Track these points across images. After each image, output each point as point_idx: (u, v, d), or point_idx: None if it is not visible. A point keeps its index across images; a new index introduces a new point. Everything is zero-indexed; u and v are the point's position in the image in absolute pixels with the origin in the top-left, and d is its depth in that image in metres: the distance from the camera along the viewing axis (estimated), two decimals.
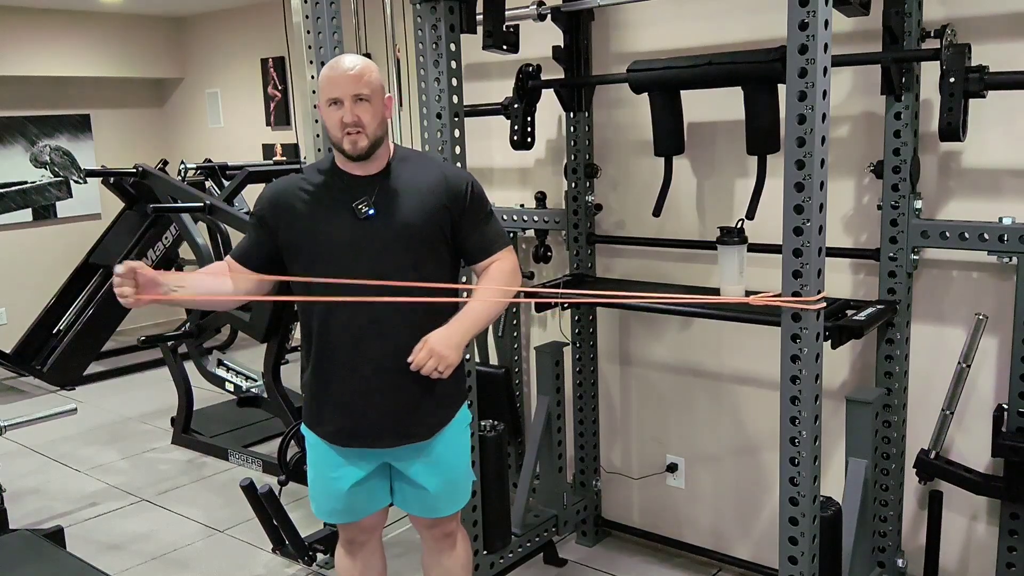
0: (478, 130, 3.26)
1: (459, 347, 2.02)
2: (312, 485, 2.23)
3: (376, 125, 2.00)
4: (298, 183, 2.10)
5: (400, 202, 2.04)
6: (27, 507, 3.81)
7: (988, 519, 2.52)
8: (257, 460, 4.14)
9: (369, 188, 2.04)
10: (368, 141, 1.99)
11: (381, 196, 2.03)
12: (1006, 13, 2.27)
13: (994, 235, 2.25)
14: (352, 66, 1.98)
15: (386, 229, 2.02)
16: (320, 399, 2.12)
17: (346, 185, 2.04)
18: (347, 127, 1.96)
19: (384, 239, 2.02)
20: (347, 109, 1.96)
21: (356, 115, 1.96)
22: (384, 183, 2.05)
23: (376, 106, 2.00)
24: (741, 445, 2.97)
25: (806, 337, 1.97)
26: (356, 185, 2.04)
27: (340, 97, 1.96)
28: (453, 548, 2.33)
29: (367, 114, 1.97)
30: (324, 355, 2.08)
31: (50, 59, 6.24)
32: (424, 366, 1.97)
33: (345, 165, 2.06)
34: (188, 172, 5.21)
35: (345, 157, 2.02)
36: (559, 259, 3.29)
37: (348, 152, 2.00)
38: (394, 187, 2.05)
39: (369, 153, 2.01)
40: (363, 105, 1.97)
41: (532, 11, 2.87)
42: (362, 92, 1.97)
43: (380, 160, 2.06)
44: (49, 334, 5.57)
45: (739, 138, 2.47)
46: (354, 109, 1.96)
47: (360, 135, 1.97)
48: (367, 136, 1.98)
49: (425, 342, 1.99)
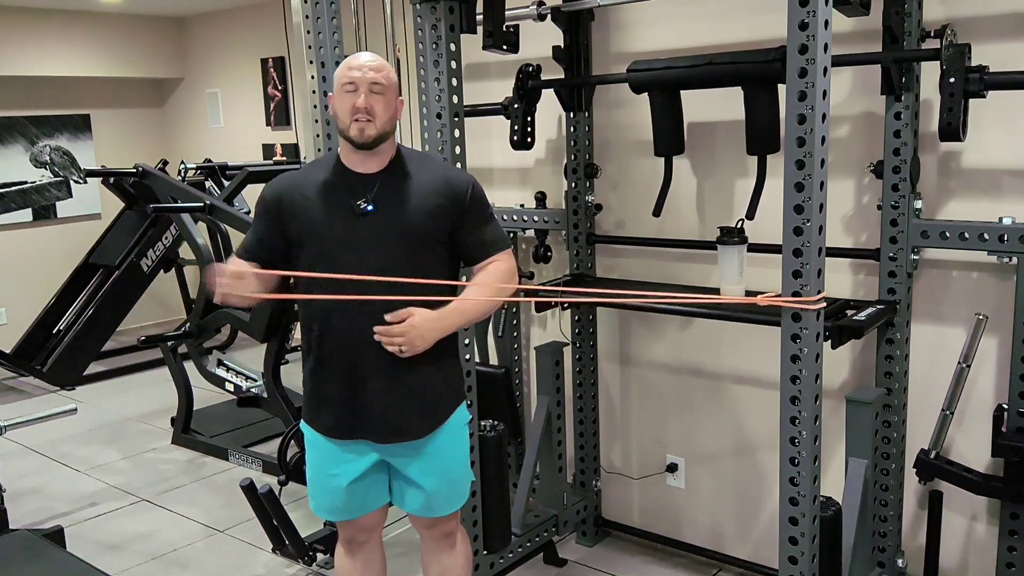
0: (478, 130, 3.26)
1: (434, 340, 2.03)
2: (311, 483, 2.24)
3: (387, 119, 2.02)
4: (302, 178, 2.12)
5: (400, 200, 2.05)
6: (27, 507, 3.81)
7: (988, 519, 2.52)
8: (257, 460, 4.14)
9: (370, 185, 2.05)
10: (376, 131, 2.00)
11: (381, 193, 2.04)
12: (1006, 13, 2.27)
13: (994, 235, 2.25)
14: (373, 59, 2.04)
15: (385, 226, 2.03)
16: (319, 393, 2.13)
17: (348, 182, 2.05)
18: (358, 112, 1.98)
19: (383, 236, 2.03)
20: (362, 94, 1.98)
21: (370, 103, 1.98)
22: (386, 180, 2.06)
23: (389, 100, 2.03)
24: (741, 445, 2.97)
25: (806, 337, 1.97)
26: (358, 182, 2.05)
27: (357, 83, 1.98)
28: (453, 547, 2.33)
29: (379, 105, 2.00)
30: (324, 350, 2.09)
31: (50, 59, 6.24)
32: (394, 337, 1.98)
33: (349, 160, 2.07)
34: (188, 172, 5.21)
35: (351, 146, 2.03)
36: (559, 259, 3.29)
37: (354, 138, 2.00)
38: (395, 185, 2.06)
39: (374, 144, 2.02)
40: (377, 96, 2.00)
41: (532, 11, 2.87)
42: (379, 83, 2.00)
43: (383, 157, 2.07)
44: (49, 334, 5.57)
45: (739, 138, 2.47)
46: (368, 97, 1.99)
47: (369, 123, 1.99)
48: (375, 126, 2.00)
49: (410, 315, 1.99)
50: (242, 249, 2.17)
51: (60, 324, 5.59)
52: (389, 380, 2.07)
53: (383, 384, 2.07)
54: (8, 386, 5.67)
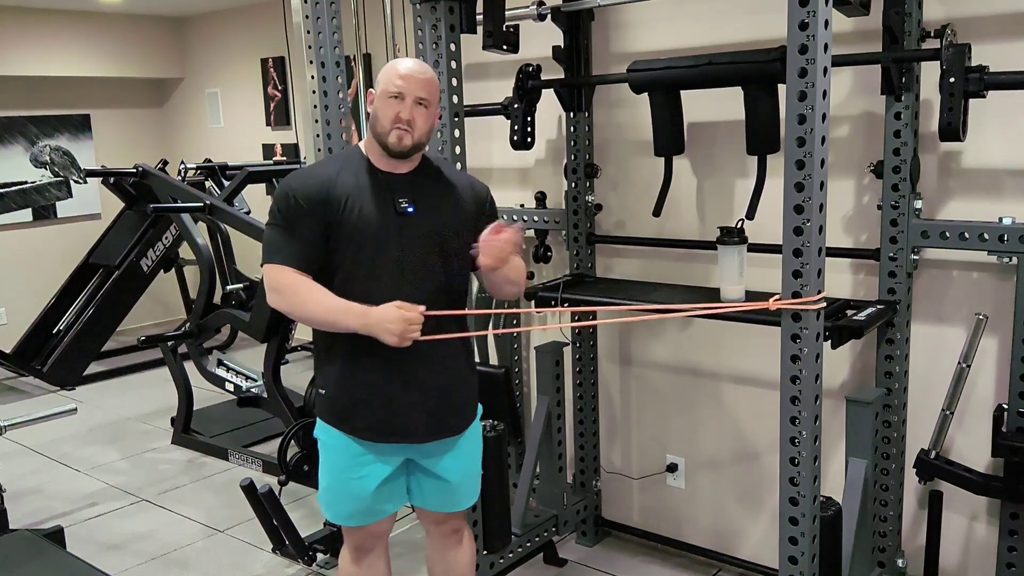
0: (478, 130, 3.26)
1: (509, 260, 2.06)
2: (329, 488, 2.17)
3: (426, 131, 2.04)
4: (330, 176, 2.03)
5: (436, 202, 2.08)
6: (27, 507, 3.81)
7: (988, 519, 2.52)
8: (257, 460, 4.14)
9: (408, 185, 2.06)
10: (412, 142, 2.01)
11: (417, 194, 2.07)
12: (1006, 13, 2.27)
13: (994, 235, 2.25)
14: (424, 71, 2.04)
15: (424, 226, 2.05)
16: (352, 393, 2.08)
17: (385, 181, 2.06)
18: (400, 123, 1.98)
19: (421, 236, 2.04)
20: (407, 106, 1.99)
21: (413, 115, 1.99)
22: (419, 182, 2.09)
23: (431, 114, 2.05)
24: (741, 445, 2.97)
25: (806, 337, 1.97)
26: (394, 181, 2.06)
27: (405, 93, 1.99)
28: (460, 544, 2.35)
29: (422, 118, 2.01)
30: (360, 348, 2.02)
31: (50, 59, 6.24)
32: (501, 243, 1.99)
33: (378, 162, 2.07)
34: (188, 172, 5.21)
35: (385, 152, 2.03)
36: (559, 259, 3.29)
37: (391, 146, 2.01)
38: (429, 187, 2.10)
39: (409, 154, 2.04)
40: (421, 110, 2.01)
41: (532, 11, 2.87)
42: (424, 97, 2.01)
43: (412, 162, 2.09)
44: (49, 334, 5.57)
45: (739, 138, 2.47)
46: (413, 109, 1.99)
47: (408, 134, 2.00)
48: (413, 138, 2.01)
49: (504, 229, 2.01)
50: (290, 258, 1.99)
51: (60, 324, 5.59)
52: (429, 377, 2.08)
53: (424, 381, 2.07)
54: (8, 386, 5.67)
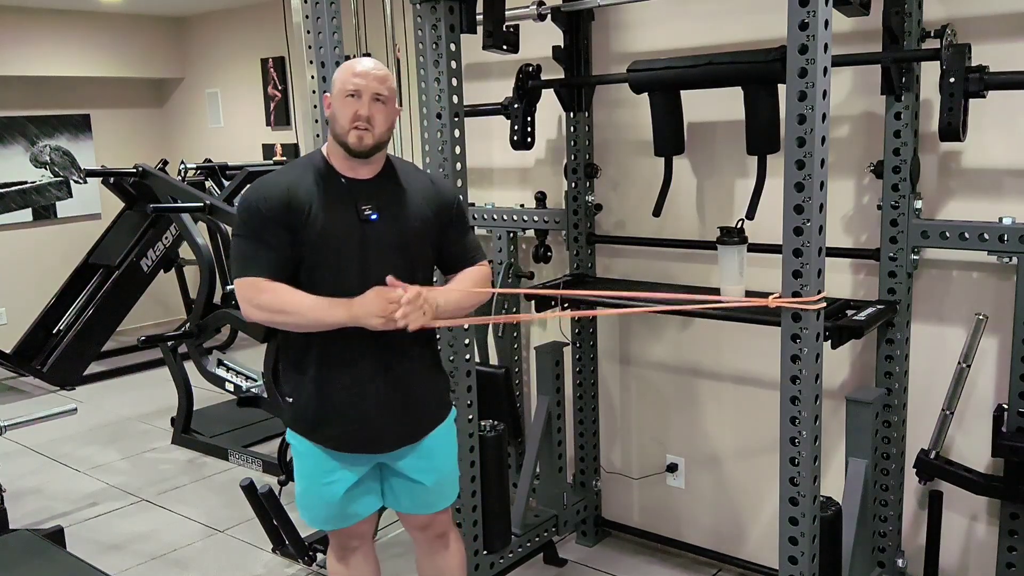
0: (478, 130, 3.26)
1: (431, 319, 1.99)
2: (304, 494, 2.18)
3: (385, 129, 2.01)
4: (292, 182, 2.00)
5: (399, 208, 2.05)
6: (27, 507, 3.81)
7: (988, 519, 2.52)
8: (257, 460, 4.14)
9: (369, 191, 2.03)
10: (373, 141, 1.98)
11: (381, 200, 2.04)
12: (1006, 13, 2.27)
13: (994, 235, 2.25)
14: (377, 67, 2.01)
15: (387, 233, 2.03)
16: (320, 404, 2.07)
17: (348, 187, 2.03)
18: (359, 120, 1.96)
19: (386, 243, 2.02)
20: (365, 103, 1.97)
21: (371, 112, 1.97)
22: (382, 187, 2.06)
23: (390, 111, 2.02)
24: (741, 445, 2.97)
25: (806, 337, 1.97)
26: (357, 187, 2.03)
27: (360, 91, 1.97)
28: (447, 548, 2.34)
29: (380, 115, 1.99)
30: (327, 359, 2.04)
31: (50, 59, 6.24)
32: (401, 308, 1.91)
33: (340, 166, 2.03)
34: (188, 172, 5.21)
35: (346, 153, 2.00)
36: (559, 259, 3.29)
37: (352, 146, 1.97)
38: (392, 192, 2.06)
39: (370, 153, 2.01)
40: (379, 106, 1.99)
41: (532, 11, 2.87)
42: (382, 93, 1.99)
43: (375, 165, 2.06)
44: (49, 334, 5.57)
45: (739, 138, 2.47)
46: (371, 106, 1.97)
47: (368, 133, 1.97)
48: (373, 136, 1.98)
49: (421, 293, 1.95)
50: (262, 268, 1.97)
51: (60, 324, 5.59)
52: (394, 388, 2.07)
53: (389, 392, 2.07)
54: (8, 386, 5.68)
